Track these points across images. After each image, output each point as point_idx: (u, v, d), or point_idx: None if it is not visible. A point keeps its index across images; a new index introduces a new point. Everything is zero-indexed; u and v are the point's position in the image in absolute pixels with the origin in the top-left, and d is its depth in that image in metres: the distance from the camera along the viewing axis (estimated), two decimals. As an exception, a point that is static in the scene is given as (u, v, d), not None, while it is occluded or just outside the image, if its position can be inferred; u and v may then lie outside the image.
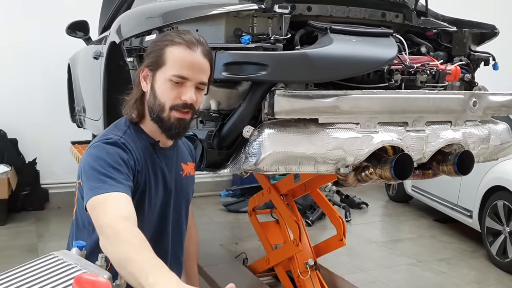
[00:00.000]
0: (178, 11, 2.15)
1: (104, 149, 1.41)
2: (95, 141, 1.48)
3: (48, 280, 1.12)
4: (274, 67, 1.82)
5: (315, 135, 1.90)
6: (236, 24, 2.07)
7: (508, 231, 4.63)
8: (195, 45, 1.45)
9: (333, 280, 4.24)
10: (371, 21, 2.46)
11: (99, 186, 1.32)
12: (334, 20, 2.34)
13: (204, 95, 1.55)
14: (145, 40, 2.21)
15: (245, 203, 6.32)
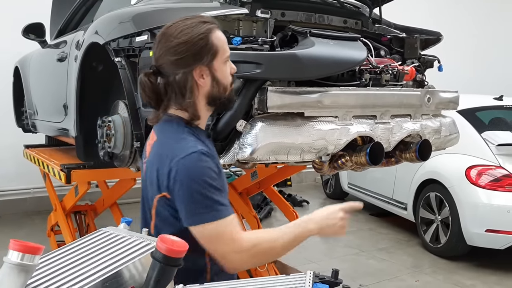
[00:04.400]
0: (169, 13, 2.29)
1: (200, 167, 1.39)
2: (182, 154, 1.40)
3: (110, 250, 1.23)
4: (267, 66, 2.03)
5: (301, 127, 2.13)
6: (223, 26, 2.25)
7: (440, 219, 5.13)
8: (214, 21, 1.55)
9: (288, 271, 4.49)
10: (334, 27, 2.74)
11: (207, 212, 1.36)
12: (303, 25, 2.60)
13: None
14: (135, 41, 2.33)
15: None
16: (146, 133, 2.36)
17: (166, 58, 1.48)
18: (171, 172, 1.39)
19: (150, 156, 1.53)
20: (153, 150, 1.52)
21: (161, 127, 1.55)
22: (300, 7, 2.62)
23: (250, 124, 2.12)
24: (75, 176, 3.10)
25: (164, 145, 1.48)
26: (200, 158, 1.39)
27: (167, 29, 1.52)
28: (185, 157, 1.39)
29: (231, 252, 1.40)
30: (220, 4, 2.40)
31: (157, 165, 1.45)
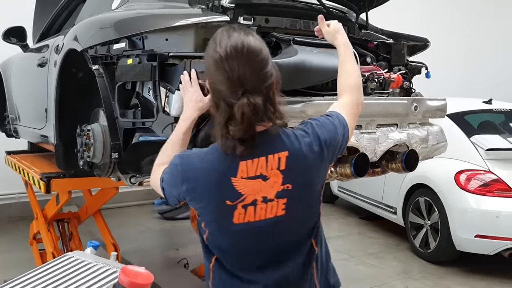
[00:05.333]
0: (148, 21, 2.22)
1: None
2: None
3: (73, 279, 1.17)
4: (248, 75, 1.96)
5: (284, 138, 2.06)
6: (204, 34, 2.18)
7: (429, 224, 5.10)
8: None
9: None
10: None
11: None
12: (288, 32, 2.53)
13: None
14: (113, 48, 2.26)
15: (181, 210, 6.33)
16: (125, 144, 2.29)
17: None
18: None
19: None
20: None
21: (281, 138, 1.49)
22: (284, 13, 2.56)
23: (231, 135, 2.05)
24: (55, 186, 3.02)
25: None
26: None
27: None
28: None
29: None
30: (202, 11, 2.33)
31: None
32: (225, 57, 1.39)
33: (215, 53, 1.41)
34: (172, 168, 1.52)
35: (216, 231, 1.51)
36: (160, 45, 2.15)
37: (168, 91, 2.07)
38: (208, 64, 1.46)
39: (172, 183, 1.52)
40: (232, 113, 1.38)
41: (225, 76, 1.39)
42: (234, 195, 1.44)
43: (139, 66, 2.09)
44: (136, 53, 2.14)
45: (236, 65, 1.38)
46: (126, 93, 2.22)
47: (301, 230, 1.53)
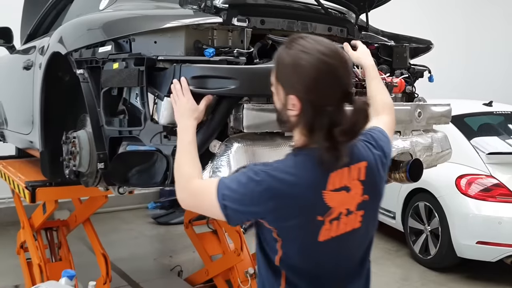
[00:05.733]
0: (135, 22, 2.09)
1: None
2: None
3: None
4: (243, 81, 1.83)
5: (282, 147, 1.93)
6: (195, 36, 2.05)
7: (429, 230, 4.98)
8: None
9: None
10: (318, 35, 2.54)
11: None
12: (285, 34, 2.40)
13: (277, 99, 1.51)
14: (98, 52, 2.12)
15: (175, 214, 6.21)
16: (111, 153, 2.15)
17: None
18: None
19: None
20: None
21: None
22: (281, 14, 2.42)
23: (224, 145, 1.91)
24: (41, 195, 2.88)
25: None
26: None
27: None
28: None
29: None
30: (193, 12, 2.20)
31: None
32: (333, 62, 1.35)
33: (320, 61, 1.35)
34: (247, 184, 1.37)
35: (296, 251, 1.41)
36: (149, 48, 2.02)
37: (156, 98, 1.94)
38: (307, 74, 1.36)
39: (246, 201, 1.37)
40: (338, 120, 1.34)
41: (336, 82, 1.35)
42: (324, 209, 1.39)
43: (125, 71, 1.95)
44: (123, 56, 2.00)
45: (343, 69, 1.37)
46: (112, 99, 2.09)
47: (367, 243, 1.53)
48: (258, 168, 1.39)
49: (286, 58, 1.41)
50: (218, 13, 2.11)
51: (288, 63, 1.40)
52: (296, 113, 1.40)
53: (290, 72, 1.39)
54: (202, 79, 1.84)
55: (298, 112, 1.39)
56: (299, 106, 1.38)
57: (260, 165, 1.42)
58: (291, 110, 1.40)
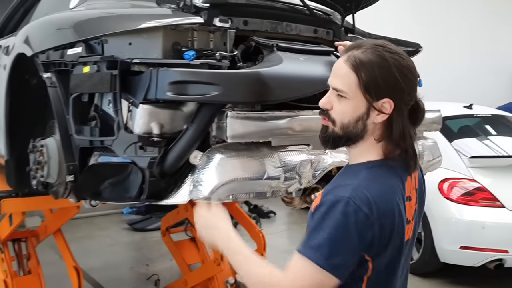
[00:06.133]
0: (108, 22, 1.92)
1: None
2: None
3: None
4: (226, 87, 1.68)
5: (269, 158, 1.79)
6: (174, 37, 1.90)
7: (412, 234, 4.90)
8: (350, 49, 1.30)
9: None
10: (304, 38, 2.42)
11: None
12: (269, 36, 2.27)
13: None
14: (68, 54, 1.95)
15: (152, 220, 6.01)
16: (81, 165, 1.98)
17: None
18: None
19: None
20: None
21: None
22: (265, 14, 2.29)
23: (206, 156, 1.77)
24: (6, 206, 2.68)
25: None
26: None
27: None
28: None
29: None
30: (172, 11, 2.04)
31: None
32: (408, 60, 1.28)
33: (403, 61, 1.27)
34: (338, 225, 1.16)
35: (384, 274, 1.27)
36: (123, 51, 1.86)
37: (131, 105, 1.78)
38: (403, 73, 1.26)
39: (350, 244, 1.17)
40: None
41: (414, 81, 1.28)
42: (406, 221, 1.30)
43: (97, 75, 1.79)
44: (94, 59, 1.84)
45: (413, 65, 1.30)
46: (82, 106, 1.92)
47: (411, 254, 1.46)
48: (340, 197, 1.18)
49: (374, 59, 1.24)
50: (198, 13, 1.97)
51: (381, 63, 1.24)
52: (384, 119, 1.26)
53: (386, 72, 1.24)
54: (182, 84, 1.69)
55: (387, 117, 1.26)
56: (391, 110, 1.25)
57: (337, 192, 1.21)
58: (377, 116, 1.26)
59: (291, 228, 6.47)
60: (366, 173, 1.26)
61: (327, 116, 1.31)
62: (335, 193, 1.20)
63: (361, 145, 1.30)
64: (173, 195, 1.79)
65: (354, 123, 1.28)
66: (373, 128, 1.28)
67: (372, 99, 1.25)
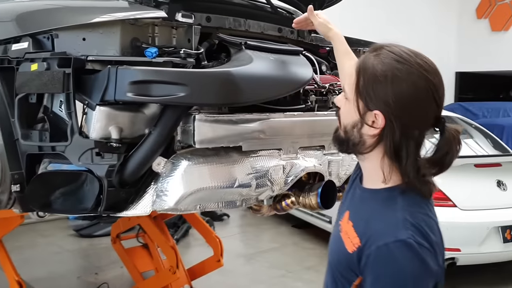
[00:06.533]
0: (60, 14, 1.73)
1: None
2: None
3: None
4: (194, 88, 1.54)
5: (239, 165, 1.67)
6: (133, 33, 1.74)
7: (367, 234, 4.92)
8: (372, 49, 1.19)
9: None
10: (268, 36, 2.31)
11: None
12: (232, 33, 2.15)
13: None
14: (12, 50, 1.74)
15: (99, 226, 5.75)
16: (29, 173, 1.78)
17: None
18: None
19: None
20: None
21: None
22: (228, 11, 2.16)
23: (171, 163, 1.62)
24: None
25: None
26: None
27: None
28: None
29: None
30: (129, 4, 1.87)
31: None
32: (433, 80, 1.14)
33: (421, 77, 1.12)
34: (422, 265, 1.07)
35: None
36: (75, 47, 1.68)
37: (86, 107, 1.60)
38: (403, 89, 1.12)
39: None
40: (421, 147, 1.17)
41: (432, 104, 1.14)
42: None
43: (47, 74, 1.59)
44: (43, 56, 1.64)
45: (442, 89, 1.17)
46: (30, 107, 1.71)
47: None
48: (397, 241, 1.08)
49: (377, 67, 1.14)
50: (159, 7, 1.81)
51: (380, 73, 1.13)
52: (375, 133, 1.16)
53: (381, 83, 1.13)
54: (144, 84, 1.53)
55: (379, 132, 1.15)
56: (383, 124, 1.13)
57: (388, 235, 1.09)
58: (370, 128, 1.16)
59: (245, 231, 6.36)
60: (402, 200, 1.14)
61: (337, 115, 1.26)
62: (386, 237, 1.09)
63: (371, 159, 1.20)
64: (134, 206, 1.63)
65: (350, 129, 1.21)
66: (373, 142, 1.18)
67: (364, 108, 1.16)
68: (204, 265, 3.98)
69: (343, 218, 1.24)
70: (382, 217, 1.13)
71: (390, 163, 1.17)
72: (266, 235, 6.11)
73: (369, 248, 1.09)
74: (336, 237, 1.24)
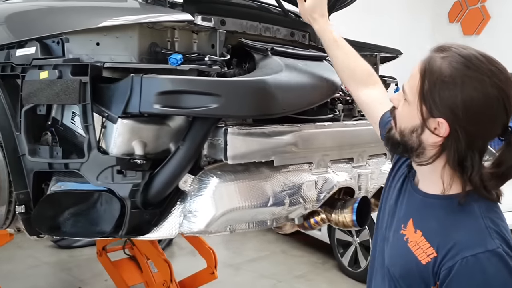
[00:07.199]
0: (71, 16, 1.55)
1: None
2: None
3: None
4: (228, 98, 1.40)
5: (271, 181, 1.53)
6: (151, 37, 1.59)
7: (359, 242, 4.84)
8: (438, 49, 1.09)
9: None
10: (281, 40, 2.19)
11: None
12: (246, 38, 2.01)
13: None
14: (16, 55, 1.55)
15: (80, 236, 5.49)
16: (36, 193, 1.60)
17: None
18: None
19: None
20: None
21: None
22: (243, 14, 2.03)
23: (199, 180, 1.47)
24: None
25: None
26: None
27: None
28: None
29: None
30: (140, 5, 1.71)
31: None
32: (505, 89, 1.05)
33: (493, 85, 1.04)
34: None
35: None
36: (88, 52, 1.51)
37: (106, 120, 1.43)
38: (473, 97, 1.04)
39: None
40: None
41: (502, 114, 1.06)
42: None
43: (60, 83, 1.43)
44: (54, 62, 1.47)
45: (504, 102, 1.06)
46: (38, 120, 1.54)
47: None
48: (486, 252, 1.02)
49: (445, 71, 1.04)
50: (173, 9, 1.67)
51: (448, 79, 1.04)
52: (437, 141, 1.07)
53: (448, 90, 1.03)
54: (173, 95, 1.38)
55: (441, 140, 1.06)
56: (446, 133, 1.05)
57: (473, 247, 1.03)
58: (431, 135, 1.07)
59: (231, 239, 6.21)
60: (478, 207, 1.07)
61: (393, 114, 1.17)
62: (474, 248, 1.03)
63: (430, 166, 1.11)
64: (158, 229, 1.47)
65: (409, 133, 1.12)
66: (435, 151, 1.09)
67: (427, 114, 1.07)
68: (196, 277, 3.83)
69: (408, 227, 1.16)
70: (462, 226, 1.07)
71: (452, 172, 1.10)
72: (252, 242, 5.97)
73: (452, 259, 1.03)
74: (401, 248, 1.15)
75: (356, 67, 1.48)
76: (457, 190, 1.09)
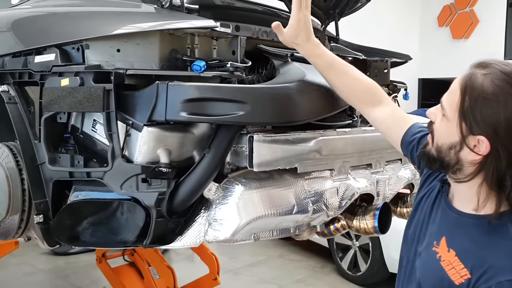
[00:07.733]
0: (90, 23, 1.53)
1: None
2: None
3: None
4: (255, 105, 1.38)
5: (295, 188, 1.52)
6: (171, 44, 1.57)
7: (358, 245, 4.85)
8: (479, 65, 1.09)
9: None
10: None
11: None
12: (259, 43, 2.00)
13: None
14: (34, 62, 1.52)
15: (76, 243, 5.42)
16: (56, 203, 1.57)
17: None
18: None
19: None
20: None
21: None
22: (255, 19, 2.02)
23: (223, 188, 1.45)
24: None
25: None
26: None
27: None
28: None
29: None
30: (156, 10, 1.70)
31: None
32: None
33: None
34: None
35: None
36: (108, 59, 1.49)
37: (130, 128, 1.41)
38: (497, 116, 1.03)
39: None
40: None
41: None
42: None
43: (82, 90, 1.40)
44: (76, 69, 1.44)
45: None
46: (58, 128, 1.51)
47: None
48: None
49: (487, 88, 1.03)
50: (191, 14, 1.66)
51: (491, 96, 1.03)
52: (476, 158, 1.06)
53: (491, 108, 1.02)
54: (200, 102, 1.36)
55: (480, 159, 1.05)
56: (487, 152, 1.03)
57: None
58: (470, 153, 1.05)
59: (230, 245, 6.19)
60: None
61: (430, 128, 1.16)
62: (508, 274, 1.03)
63: (466, 183, 1.10)
64: (182, 237, 1.45)
65: (446, 149, 1.11)
66: (474, 169, 1.08)
67: (467, 131, 1.06)
68: (199, 283, 3.80)
69: (441, 244, 1.16)
70: (497, 248, 1.07)
71: (489, 190, 1.09)
72: (249, 247, 5.94)
73: (486, 283, 1.03)
74: (433, 265, 1.15)
75: (356, 87, 1.44)
76: (491, 209, 1.09)
